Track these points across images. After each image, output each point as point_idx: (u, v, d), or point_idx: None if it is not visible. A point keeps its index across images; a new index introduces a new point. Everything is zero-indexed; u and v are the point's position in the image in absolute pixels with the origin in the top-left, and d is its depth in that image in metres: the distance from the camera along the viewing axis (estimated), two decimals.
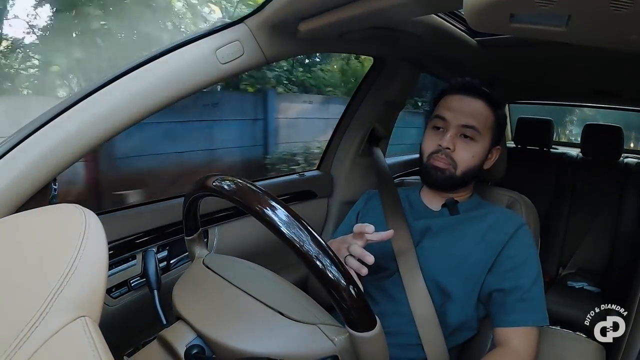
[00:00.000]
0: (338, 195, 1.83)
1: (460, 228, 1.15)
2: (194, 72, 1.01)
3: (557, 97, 3.20)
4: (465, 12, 0.72)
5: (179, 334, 0.82)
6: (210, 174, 0.84)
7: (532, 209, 1.27)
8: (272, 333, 0.77)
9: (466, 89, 1.18)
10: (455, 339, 1.11)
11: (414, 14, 1.09)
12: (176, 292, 0.91)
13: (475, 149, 1.16)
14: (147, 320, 1.16)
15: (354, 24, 1.08)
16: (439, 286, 1.10)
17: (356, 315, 0.69)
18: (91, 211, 0.55)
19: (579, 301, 2.17)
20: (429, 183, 1.22)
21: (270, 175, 1.69)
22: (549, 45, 1.32)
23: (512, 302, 1.04)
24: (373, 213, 1.30)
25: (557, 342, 1.14)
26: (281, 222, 0.69)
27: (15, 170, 0.86)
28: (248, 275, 0.92)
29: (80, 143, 0.91)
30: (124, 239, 1.16)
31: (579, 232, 2.52)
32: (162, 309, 0.92)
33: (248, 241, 1.45)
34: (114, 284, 1.15)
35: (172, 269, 1.29)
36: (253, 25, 1.07)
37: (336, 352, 0.73)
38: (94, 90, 0.93)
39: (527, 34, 0.76)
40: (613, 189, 2.51)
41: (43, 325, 0.40)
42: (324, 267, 0.67)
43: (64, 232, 0.51)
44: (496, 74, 2.09)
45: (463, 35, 1.43)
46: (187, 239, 1.02)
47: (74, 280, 0.44)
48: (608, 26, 0.67)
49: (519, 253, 1.08)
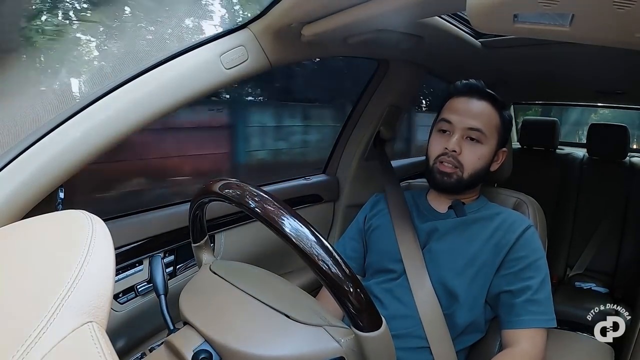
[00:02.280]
0: (344, 198, 1.83)
1: (467, 230, 1.15)
2: (198, 78, 1.02)
3: (562, 98, 3.19)
4: (469, 14, 0.72)
5: (186, 339, 0.82)
6: (216, 179, 0.84)
7: (539, 210, 1.27)
8: (278, 336, 0.77)
9: (471, 91, 1.18)
10: (463, 341, 1.11)
11: (417, 16, 1.09)
12: (183, 297, 0.91)
13: (482, 151, 1.15)
14: (154, 325, 1.16)
15: (358, 28, 1.08)
16: (446, 288, 1.10)
17: (362, 316, 0.69)
18: (97, 217, 0.55)
19: (587, 302, 2.15)
20: (436, 187, 1.21)
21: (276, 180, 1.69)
22: (553, 45, 1.32)
23: (520, 304, 1.03)
24: (380, 216, 1.30)
25: (566, 343, 1.13)
26: (287, 226, 0.69)
27: (21, 177, 0.87)
28: (254, 279, 0.92)
29: (86, 149, 0.92)
30: (130, 244, 1.17)
31: (585, 233, 2.51)
32: (169, 314, 0.92)
33: (254, 246, 1.45)
34: (121, 289, 1.16)
35: (179, 274, 1.29)
36: (257, 30, 1.08)
37: (343, 353, 0.72)
38: (100, 96, 0.94)
39: (531, 34, 0.76)
40: (619, 189, 2.50)
41: (50, 331, 0.40)
42: (329, 269, 0.67)
43: (71, 238, 0.51)
44: (500, 75, 2.08)
45: (467, 37, 1.43)
46: (194, 245, 1.02)
47: (81, 286, 0.44)
48: (612, 25, 0.67)
49: (526, 255, 1.08)
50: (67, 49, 1.24)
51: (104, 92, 0.94)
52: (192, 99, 1.03)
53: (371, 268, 1.24)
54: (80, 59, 1.25)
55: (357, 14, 0.95)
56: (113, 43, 1.29)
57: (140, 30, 1.26)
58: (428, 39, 1.31)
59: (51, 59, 1.21)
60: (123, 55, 1.13)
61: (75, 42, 1.28)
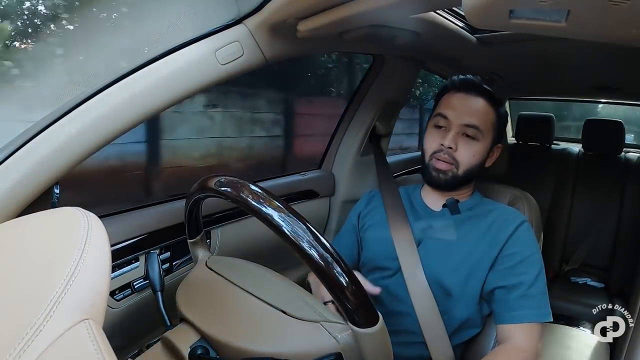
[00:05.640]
0: (340, 194, 1.83)
1: (461, 227, 1.15)
2: (193, 74, 1.02)
3: (558, 93, 3.20)
4: (465, 9, 0.72)
5: (183, 336, 0.82)
6: (212, 175, 0.84)
7: (534, 205, 1.27)
8: (275, 332, 0.77)
9: (467, 87, 1.18)
10: (459, 336, 1.11)
11: (413, 11, 1.09)
12: (179, 293, 0.91)
13: (477, 148, 1.15)
14: (150, 322, 1.16)
15: (353, 23, 1.08)
16: (441, 285, 1.10)
17: (358, 312, 0.69)
18: (93, 214, 0.55)
19: (583, 296, 2.17)
20: (431, 183, 1.22)
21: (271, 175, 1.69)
22: (549, 41, 1.32)
23: (515, 299, 1.04)
24: (375, 213, 1.30)
25: (561, 338, 1.14)
26: (283, 221, 0.69)
27: (17, 174, 0.86)
28: (250, 275, 0.92)
29: (82, 146, 0.92)
30: (126, 241, 1.16)
31: (581, 228, 2.52)
32: (165, 311, 0.92)
33: (250, 241, 1.45)
34: (117, 286, 1.15)
35: (175, 270, 1.29)
36: (252, 25, 1.07)
37: (339, 349, 0.73)
38: (95, 93, 0.93)
39: (527, 30, 0.76)
40: (614, 184, 2.51)
41: (47, 329, 0.40)
42: (325, 265, 0.67)
43: (67, 235, 0.51)
44: (496, 71, 2.08)
45: (462, 32, 1.42)
46: (190, 241, 1.02)
47: (77, 283, 0.44)
48: (608, 21, 0.67)
49: (520, 250, 1.08)
50: None
51: (99, 88, 0.94)
52: (188, 95, 1.02)
53: (366, 265, 1.24)
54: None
55: (353, 9, 0.94)
56: None
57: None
58: (424, 34, 1.31)
59: None
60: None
61: None
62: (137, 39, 1.15)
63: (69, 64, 1.35)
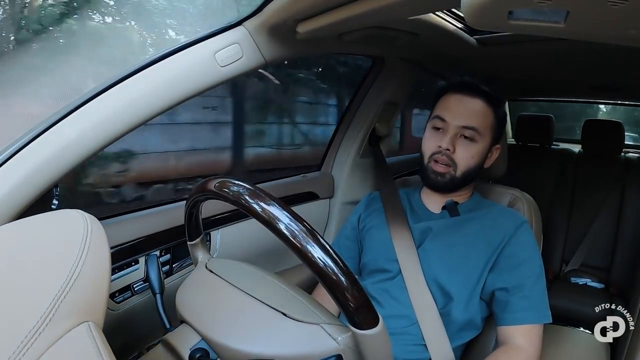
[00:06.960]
0: (339, 196, 1.83)
1: (461, 229, 1.15)
2: (193, 76, 1.02)
3: (557, 94, 3.19)
4: (464, 10, 0.72)
5: (183, 338, 0.82)
6: (212, 177, 0.84)
7: (533, 206, 1.27)
8: (275, 334, 0.77)
9: (466, 88, 1.18)
10: (460, 338, 1.11)
11: (412, 12, 1.09)
12: (179, 295, 0.91)
13: (475, 149, 1.15)
14: (150, 324, 1.16)
15: (353, 24, 1.08)
16: (440, 287, 1.10)
17: (359, 314, 0.69)
18: (93, 216, 0.55)
19: (583, 297, 2.16)
20: (429, 186, 1.22)
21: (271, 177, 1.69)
22: (548, 42, 1.32)
23: (515, 301, 1.04)
24: (374, 216, 1.30)
25: (561, 338, 1.14)
26: (283, 224, 0.69)
27: (17, 177, 0.86)
28: (250, 277, 0.92)
29: (81, 148, 0.92)
30: (126, 243, 1.16)
31: (581, 229, 2.52)
32: (165, 313, 0.92)
33: (250, 244, 1.45)
34: (117, 288, 1.15)
35: (175, 272, 1.29)
36: (251, 27, 1.08)
37: (340, 351, 0.72)
38: (94, 95, 0.93)
39: (526, 31, 0.75)
40: (614, 185, 2.50)
41: (47, 330, 0.40)
42: (325, 266, 0.67)
43: (67, 237, 0.51)
44: (495, 72, 2.08)
45: (462, 34, 1.42)
46: (189, 243, 1.01)
47: (78, 285, 0.44)
48: (607, 21, 0.67)
49: (520, 251, 1.08)
50: None
51: (98, 90, 0.94)
52: (188, 97, 1.02)
53: (367, 268, 1.24)
54: None
55: (352, 11, 0.94)
56: None
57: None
58: (423, 35, 1.31)
59: None
60: None
61: None
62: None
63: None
